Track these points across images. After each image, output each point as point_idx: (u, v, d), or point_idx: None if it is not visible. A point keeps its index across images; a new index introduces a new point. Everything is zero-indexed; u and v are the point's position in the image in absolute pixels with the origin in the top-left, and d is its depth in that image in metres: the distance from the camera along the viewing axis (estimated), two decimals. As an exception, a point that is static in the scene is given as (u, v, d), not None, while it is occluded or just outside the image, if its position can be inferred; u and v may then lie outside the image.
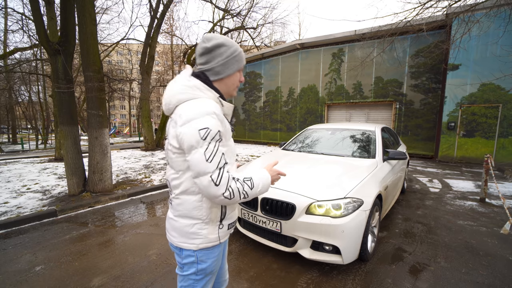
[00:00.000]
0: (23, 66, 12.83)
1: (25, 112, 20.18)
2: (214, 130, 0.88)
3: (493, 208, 3.94)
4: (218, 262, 1.10)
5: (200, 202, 0.98)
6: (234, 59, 1.02)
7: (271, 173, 1.08)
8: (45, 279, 2.17)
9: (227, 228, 1.08)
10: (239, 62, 1.04)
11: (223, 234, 1.07)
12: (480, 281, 2.12)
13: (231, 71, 1.02)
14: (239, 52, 1.03)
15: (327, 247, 2.11)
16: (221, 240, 1.06)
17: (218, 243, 1.05)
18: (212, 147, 0.88)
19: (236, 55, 1.02)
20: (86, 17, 4.11)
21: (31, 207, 3.83)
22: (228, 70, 1.01)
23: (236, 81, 1.07)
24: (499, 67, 6.44)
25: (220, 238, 1.06)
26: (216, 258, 1.08)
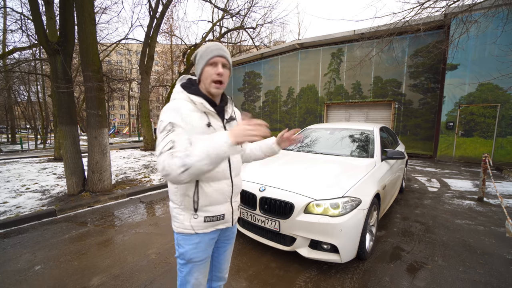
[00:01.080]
0: (22, 66, 12.79)
1: (24, 112, 20.15)
2: (166, 121, 0.99)
3: (491, 207, 3.96)
4: (199, 252, 1.13)
5: (176, 189, 1.11)
6: (200, 58, 1.09)
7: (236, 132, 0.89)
8: (45, 279, 2.18)
9: (204, 220, 1.11)
10: (204, 57, 1.08)
11: (197, 225, 1.10)
12: (477, 279, 2.14)
13: (200, 69, 1.09)
14: (204, 49, 1.08)
15: (325, 246, 2.12)
16: (196, 230, 1.11)
17: (193, 232, 1.11)
18: (163, 135, 0.98)
19: (202, 54, 1.09)
20: (85, 16, 4.11)
21: (30, 206, 3.84)
22: (198, 69, 1.11)
23: (207, 76, 1.08)
24: (497, 67, 6.46)
25: (194, 228, 1.10)
26: (195, 246, 1.12)
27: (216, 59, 1.07)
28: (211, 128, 1.08)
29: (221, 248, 1.31)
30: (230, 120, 1.19)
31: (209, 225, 1.13)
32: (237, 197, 1.26)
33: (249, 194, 2.47)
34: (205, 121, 1.07)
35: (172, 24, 19.57)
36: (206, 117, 1.09)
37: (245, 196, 2.50)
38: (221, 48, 1.09)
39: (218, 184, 1.13)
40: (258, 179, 2.57)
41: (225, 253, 1.33)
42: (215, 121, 1.11)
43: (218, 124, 1.12)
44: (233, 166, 1.19)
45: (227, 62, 1.10)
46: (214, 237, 1.19)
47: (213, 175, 1.11)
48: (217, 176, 1.12)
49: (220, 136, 0.91)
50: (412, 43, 9.30)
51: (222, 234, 1.27)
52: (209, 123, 1.08)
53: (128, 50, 12.87)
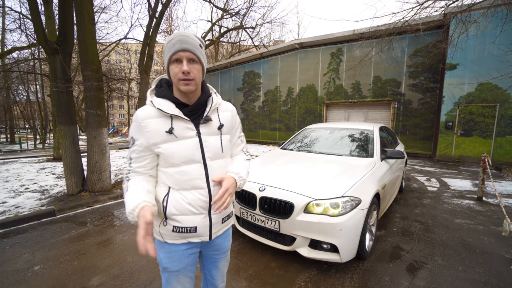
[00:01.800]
0: (21, 65, 12.76)
1: (23, 111, 20.11)
2: (130, 136, 1.03)
3: (490, 207, 3.96)
4: (173, 262, 1.06)
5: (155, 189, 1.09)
6: (164, 55, 0.97)
7: (140, 216, 0.88)
8: (44, 279, 2.17)
9: (172, 229, 1.02)
10: (166, 54, 0.95)
11: (166, 233, 1.04)
12: (476, 279, 2.14)
13: (166, 66, 0.98)
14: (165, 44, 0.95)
15: (325, 245, 2.12)
16: (164, 238, 1.05)
17: (162, 240, 1.06)
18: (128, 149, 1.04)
19: (164, 50, 0.96)
20: (84, 16, 4.10)
21: (29, 206, 3.83)
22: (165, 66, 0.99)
23: (173, 76, 0.95)
24: (496, 67, 6.47)
25: (163, 236, 1.05)
26: (168, 256, 1.06)
27: (179, 54, 0.92)
28: (172, 135, 0.97)
29: (211, 264, 1.21)
30: (206, 120, 1.03)
31: (177, 236, 1.04)
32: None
33: (249, 193, 2.47)
34: (167, 127, 0.97)
35: (172, 23, 19.55)
36: (170, 122, 0.98)
37: (245, 196, 2.50)
38: (183, 40, 0.91)
39: (190, 193, 1.01)
40: (258, 179, 2.57)
41: (216, 269, 1.22)
42: (182, 125, 0.99)
43: (185, 128, 0.99)
44: (212, 173, 1.04)
45: (194, 56, 0.94)
46: (189, 248, 1.08)
47: (183, 183, 1.00)
48: (186, 185, 1.00)
49: (133, 203, 0.92)
50: (411, 43, 9.30)
51: (207, 247, 1.15)
52: (170, 129, 0.97)
53: (127, 49, 12.84)
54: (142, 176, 1.03)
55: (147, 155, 1.01)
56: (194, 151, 1.00)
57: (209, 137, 1.04)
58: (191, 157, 1.00)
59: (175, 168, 1.00)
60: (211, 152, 1.04)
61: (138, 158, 1.01)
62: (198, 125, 1.02)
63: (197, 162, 1.01)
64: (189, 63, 0.94)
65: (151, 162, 1.03)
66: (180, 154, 0.98)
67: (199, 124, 1.02)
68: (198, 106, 1.03)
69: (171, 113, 0.97)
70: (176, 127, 0.98)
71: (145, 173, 1.04)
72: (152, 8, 9.55)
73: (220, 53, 22.25)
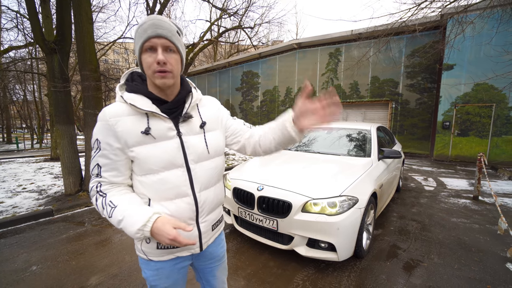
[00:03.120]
0: (18, 64, 12.67)
1: (20, 111, 19.96)
2: (93, 138, 0.85)
3: (486, 206, 4.01)
4: (161, 279, 0.96)
5: None
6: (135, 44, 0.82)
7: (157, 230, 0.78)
8: (42, 278, 2.17)
9: (157, 247, 0.91)
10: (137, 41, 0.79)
11: (150, 251, 0.92)
12: (471, 277, 2.17)
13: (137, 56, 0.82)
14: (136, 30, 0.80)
15: (322, 244, 2.14)
16: (148, 256, 0.93)
17: (146, 258, 0.94)
18: (92, 154, 0.87)
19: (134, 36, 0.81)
20: (82, 15, 4.09)
21: (27, 206, 3.81)
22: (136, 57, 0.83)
23: (147, 67, 0.80)
24: (492, 67, 6.53)
25: (147, 254, 0.93)
26: (155, 273, 0.95)
27: (153, 41, 0.77)
28: (149, 136, 0.83)
29: (208, 274, 1.11)
30: (185, 118, 0.90)
31: (163, 252, 0.93)
32: (209, 215, 0.99)
33: (247, 193, 2.48)
34: (142, 127, 0.83)
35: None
36: (146, 120, 0.84)
37: (243, 195, 2.52)
38: (157, 24, 0.76)
39: (173, 203, 0.89)
40: (256, 178, 2.58)
41: (214, 278, 1.13)
42: (161, 124, 0.85)
43: (164, 128, 0.86)
44: (197, 178, 0.92)
45: (170, 44, 0.79)
46: (178, 263, 0.98)
47: (164, 193, 0.87)
48: (169, 194, 0.88)
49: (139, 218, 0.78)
50: (409, 43, 9.35)
51: (199, 258, 1.05)
52: (147, 129, 0.83)
53: (125, 49, 12.80)
54: (121, 187, 0.88)
55: (121, 160, 0.84)
56: (175, 154, 0.87)
57: (191, 137, 0.91)
58: (172, 161, 0.86)
59: (153, 176, 0.85)
60: (195, 154, 0.91)
61: (111, 164, 0.84)
62: (177, 124, 0.88)
63: (178, 166, 0.88)
64: (165, 52, 0.79)
65: (126, 168, 0.87)
66: (158, 159, 0.84)
67: (178, 123, 0.89)
68: (178, 103, 0.89)
69: (147, 109, 0.82)
70: (153, 126, 0.84)
71: (123, 182, 0.88)
72: (150, 8, 9.52)
73: (218, 53, 22.23)
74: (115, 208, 0.82)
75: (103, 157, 0.84)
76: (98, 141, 0.83)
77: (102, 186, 0.85)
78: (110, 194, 0.85)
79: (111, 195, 0.85)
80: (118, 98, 0.85)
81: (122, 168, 0.86)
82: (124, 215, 0.80)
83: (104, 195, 0.85)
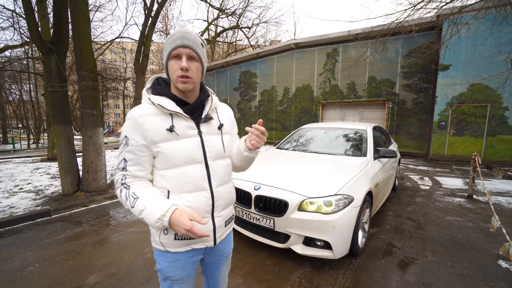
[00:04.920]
0: (14, 64, 12.58)
1: (16, 111, 19.81)
2: (122, 135, 0.94)
3: (480, 204, 4.07)
4: (176, 270, 1.02)
5: None
6: (164, 51, 0.95)
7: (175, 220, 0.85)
8: (40, 278, 2.18)
9: (174, 237, 0.97)
10: (166, 49, 0.93)
11: (168, 242, 0.98)
12: (464, 273, 2.22)
13: (165, 64, 0.96)
14: (166, 39, 0.94)
15: (318, 242, 2.17)
16: (166, 247, 0.99)
17: (163, 249, 1.00)
18: (120, 150, 0.95)
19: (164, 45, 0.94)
20: (79, 15, 4.08)
21: (24, 207, 3.80)
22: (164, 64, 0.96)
23: (172, 72, 0.93)
24: (486, 68, 6.61)
25: (165, 245, 0.99)
26: (171, 265, 1.01)
27: (179, 50, 0.90)
28: (173, 133, 0.93)
29: (214, 267, 1.18)
30: (206, 119, 1.02)
31: (180, 244, 0.99)
32: (223, 211, 1.08)
33: (244, 192, 2.50)
34: (167, 125, 0.93)
35: (168, 23, 19.45)
36: (170, 120, 0.94)
37: (240, 194, 2.54)
38: (185, 37, 0.90)
39: (191, 196, 0.97)
40: (253, 177, 2.61)
41: (218, 273, 1.21)
42: (183, 123, 0.96)
43: (186, 126, 0.96)
44: (215, 174, 1.02)
45: (194, 53, 0.92)
46: (193, 256, 1.05)
47: (184, 185, 0.96)
48: (187, 187, 0.96)
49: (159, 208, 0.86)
50: (405, 43, 9.44)
51: (210, 253, 1.13)
52: (171, 127, 0.93)
53: (122, 48, 12.77)
54: (143, 181, 0.96)
55: (146, 155, 0.94)
56: (196, 151, 0.97)
57: (210, 137, 1.02)
58: (193, 157, 0.97)
59: (176, 170, 0.95)
60: (213, 152, 1.02)
61: (136, 159, 0.93)
62: (198, 124, 1.00)
63: (198, 162, 0.98)
64: (188, 60, 0.91)
65: (149, 164, 0.96)
66: (181, 154, 0.94)
67: (199, 123, 1.00)
68: (198, 106, 1.01)
69: (172, 110, 0.93)
70: (177, 125, 0.94)
71: (145, 177, 0.96)
72: (147, 7, 9.51)
73: (216, 53, 22.22)
74: (137, 199, 0.89)
75: (130, 152, 0.92)
76: (127, 138, 0.92)
77: (126, 179, 0.93)
78: (133, 186, 0.93)
79: (134, 187, 0.92)
80: (146, 100, 0.96)
81: (146, 164, 0.95)
82: (146, 205, 0.88)
83: (128, 187, 0.92)
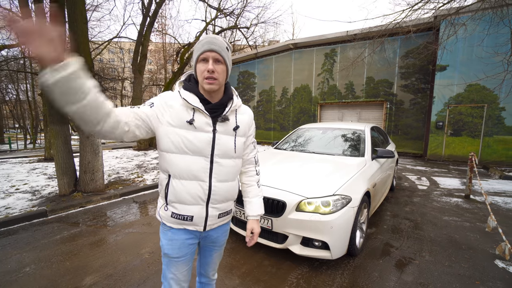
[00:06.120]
0: (10, 63, 12.49)
1: (13, 111, 19.66)
2: (150, 102, 1.06)
3: (477, 204, 4.09)
4: (174, 249, 1.13)
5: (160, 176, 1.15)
6: (193, 55, 1.06)
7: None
8: (36, 279, 2.16)
9: (171, 215, 1.11)
10: (195, 53, 1.04)
11: (165, 216, 1.13)
12: (461, 273, 2.23)
13: (194, 66, 1.07)
14: (196, 45, 1.05)
15: (316, 243, 2.17)
16: (163, 220, 1.14)
17: (161, 221, 1.16)
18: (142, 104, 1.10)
19: (194, 49, 1.06)
20: (77, 14, 4.06)
21: (20, 207, 3.77)
22: (193, 67, 1.07)
23: (199, 74, 1.03)
24: (483, 68, 6.66)
25: (162, 218, 1.14)
26: (169, 242, 1.14)
27: (206, 54, 1.00)
28: (191, 126, 1.04)
29: (207, 252, 1.29)
30: (223, 119, 1.09)
31: (175, 222, 1.12)
32: (220, 204, 1.16)
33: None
34: (188, 117, 1.03)
35: (165, 22, 19.39)
36: (192, 114, 1.04)
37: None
38: (212, 42, 1.00)
39: (189, 183, 1.07)
40: (251, 178, 2.60)
41: (210, 257, 1.31)
42: (202, 119, 1.05)
43: (204, 122, 1.05)
44: (218, 170, 1.10)
45: (219, 57, 1.01)
46: (188, 238, 1.15)
47: (184, 173, 1.06)
48: (187, 175, 1.06)
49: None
50: (403, 44, 9.47)
51: (205, 239, 1.23)
52: (191, 120, 1.03)
53: (120, 48, 12.71)
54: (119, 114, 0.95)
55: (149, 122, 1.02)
56: (206, 145, 1.05)
57: (223, 136, 1.09)
58: (202, 150, 1.05)
59: (181, 156, 1.04)
60: (221, 150, 1.09)
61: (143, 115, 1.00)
62: (215, 123, 1.08)
63: (205, 156, 1.06)
64: (214, 63, 1.00)
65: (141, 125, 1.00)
66: (192, 144, 1.03)
67: (216, 122, 1.08)
68: (220, 106, 1.09)
69: (195, 105, 1.03)
70: (196, 119, 1.04)
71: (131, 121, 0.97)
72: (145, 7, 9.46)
73: (214, 53, 22.14)
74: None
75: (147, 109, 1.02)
76: (153, 104, 1.04)
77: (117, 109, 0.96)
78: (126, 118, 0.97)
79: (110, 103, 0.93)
80: (176, 92, 1.07)
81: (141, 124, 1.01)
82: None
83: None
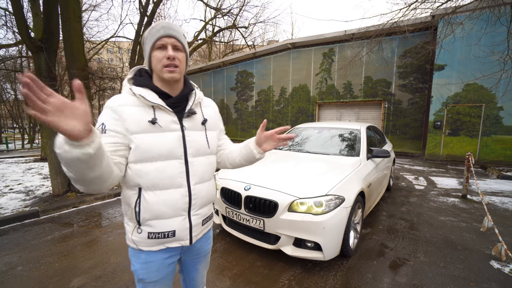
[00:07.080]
0: (8, 63, 12.43)
1: (11, 111, 19.56)
2: (99, 123, 0.87)
3: (474, 204, 4.06)
4: (150, 272, 0.97)
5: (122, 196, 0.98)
6: (145, 43, 0.93)
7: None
8: (23, 281, 2.12)
9: (147, 236, 0.93)
10: (149, 40, 0.90)
11: (140, 240, 0.94)
12: (456, 274, 2.19)
13: (147, 56, 0.93)
14: (149, 30, 0.91)
15: (309, 244, 2.14)
16: (139, 246, 0.95)
17: (136, 248, 0.96)
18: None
19: (146, 36, 0.91)
20: (69, 13, 4.01)
21: (12, 207, 3.73)
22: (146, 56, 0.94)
23: (156, 62, 0.90)
24: (480, 68, 6.63)
25: (137, 244, 0.95)
26: (144, 266, 0.96)
27: (164, 40, 0.88)
28: (156, 125, 0.89)
29: (190, 267, 1.15)
30: (189, 114, 0.98)
31: (153, 242, 0.94)
32: (201, 209, 1.03)
33: (234, 193, 2.46)
34: (149, 117, 0.89)
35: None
36: (152, 112, 0.90)
37: (230, 195, 2.50)
38: (169, 27, 0.89)
39: (166, 193, 0.92)
40: (244, 177, 2.57)
41: (195, 272, 1.17)
42: (166, 117, 0.92)
43: (169, 120, 0.92)
44: (194, 171, 0.98)
45: (179, 43, 0.90)
46: (169, 257, 1.00)
47: (159, 182, 0.91)
48: (164, 183, 0.92)
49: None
50: (401, 43, 9.45)
51: (187, 252, 1.08)
52: (153, 119, 0.89)
53: (118, 48, 12.66)
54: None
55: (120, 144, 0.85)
56: (176, 146, 0.93)
57: (192, 132, 0.98)
58: (173, 152, 0.92)
59: (152, 164, 0.89)
60: (194, 148, 0.98)
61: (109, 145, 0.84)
62: (181, 119, 0.95)
63: (177, 158, 0.94)
64: (174, 50, 0.89)
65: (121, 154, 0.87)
66: (160, 148, 0.90)
67: (182, 117, 0.96)
68: (181, 99, 0.97)
69: (155, 102, 0.89)
70: (159, 118, 0.90)
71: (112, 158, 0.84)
72: (143, 6, 9.43)
73: (213, 53, 22.14)
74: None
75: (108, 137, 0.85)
76: (104, 125, 0.85)
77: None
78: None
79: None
80: (127, 90, 0.92)
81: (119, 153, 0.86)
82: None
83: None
